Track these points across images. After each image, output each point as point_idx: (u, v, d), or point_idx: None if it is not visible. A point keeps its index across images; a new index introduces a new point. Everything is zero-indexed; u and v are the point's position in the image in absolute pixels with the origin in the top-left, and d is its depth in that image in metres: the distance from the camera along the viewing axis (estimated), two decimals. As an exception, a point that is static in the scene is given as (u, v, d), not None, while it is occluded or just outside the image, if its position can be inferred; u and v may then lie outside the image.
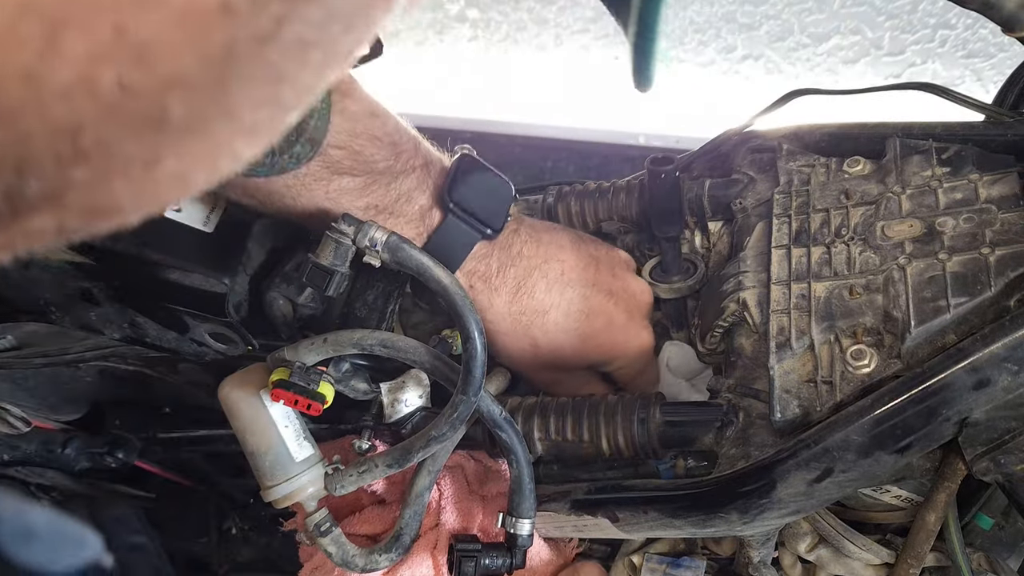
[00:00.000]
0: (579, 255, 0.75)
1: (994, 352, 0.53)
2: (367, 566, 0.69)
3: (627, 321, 0.75)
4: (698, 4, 1.63)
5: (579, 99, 1.80)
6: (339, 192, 0.65)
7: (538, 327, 0.73)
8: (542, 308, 0.73)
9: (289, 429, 0.68)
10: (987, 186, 0.63)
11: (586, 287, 0.74)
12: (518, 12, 1.74)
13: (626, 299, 0.76)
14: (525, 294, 0.73)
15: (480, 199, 0.68)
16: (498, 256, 0.72)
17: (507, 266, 0.73)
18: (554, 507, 0.68)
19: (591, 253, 0.76)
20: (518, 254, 0.73)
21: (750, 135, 0.79)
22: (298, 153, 0.61)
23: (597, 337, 0.74)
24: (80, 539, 0.59)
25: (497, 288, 0.72)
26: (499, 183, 0.70)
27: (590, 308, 0.74)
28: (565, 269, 0.74)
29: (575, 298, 0.74)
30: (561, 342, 0.74)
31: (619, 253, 0.79)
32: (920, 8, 1.54)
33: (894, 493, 0.67)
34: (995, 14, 0.63)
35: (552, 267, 0.73)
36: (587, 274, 0.74)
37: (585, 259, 0.75)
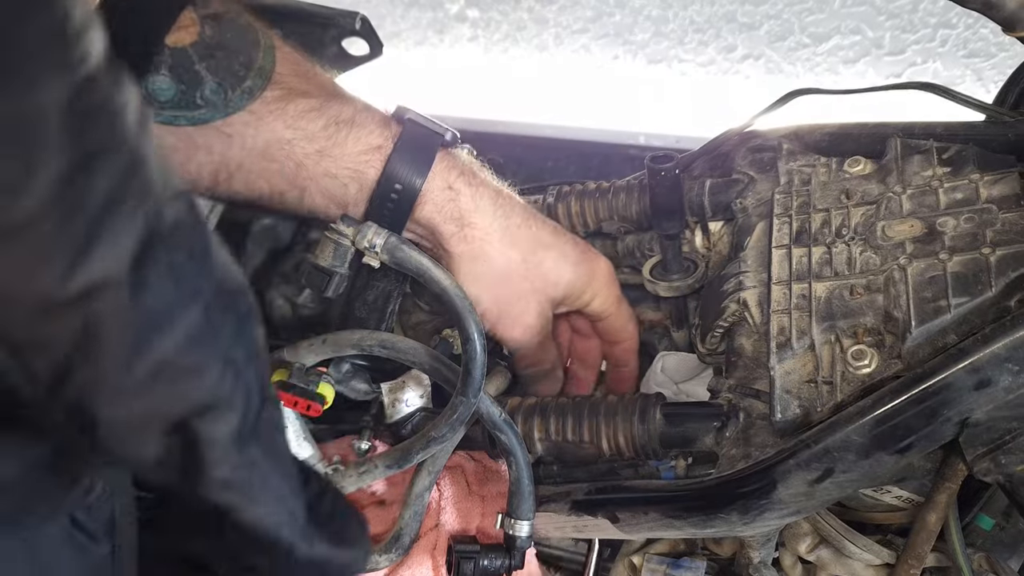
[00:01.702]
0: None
1: (995, 352, 0.53)
2: (367, 566, 0.69)
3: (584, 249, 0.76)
4: (698, 4, 1.63)
5: (579, 99, 1.80)
6: (298, 116, 0.65)
7: (525, 237, 0.72)
8: (525, 214, 0.73)
9: (289, 430, 0.68)
10: (988, 186, 0.63)
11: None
12: (518, 12, 1.74)
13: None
14: (505, 199, 0.72)
15: (423, 120, 0.70)
16: (465, 162, 0.72)
17: (479, 171, 0.72)
18: (554, 508, 0.68)
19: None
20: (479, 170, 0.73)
21: (750, 135, 0.79)
22: (250, 87, 0.63)
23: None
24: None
25: (478, 188, 0.71)
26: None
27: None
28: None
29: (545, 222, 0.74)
30: (544, 256, 0.73)
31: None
32: (921, 8, 1.54)
33: (895, 494, 0.67)
34: (996, 14, 0.62)
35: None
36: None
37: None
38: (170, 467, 0.35)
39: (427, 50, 1.86)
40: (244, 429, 0.36)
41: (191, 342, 0.33)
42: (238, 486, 0.36)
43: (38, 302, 0.30)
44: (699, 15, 1.64)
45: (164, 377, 0.33)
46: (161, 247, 0.32)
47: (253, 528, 0.37)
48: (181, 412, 0.34)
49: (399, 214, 0.68)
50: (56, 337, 0.31)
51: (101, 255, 0.30)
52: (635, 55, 1.74)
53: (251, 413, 0.36)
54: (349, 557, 0.41)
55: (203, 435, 0.35)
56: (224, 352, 0.35)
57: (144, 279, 0.32)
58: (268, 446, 0.37)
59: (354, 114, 0.67)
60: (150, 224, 0.32)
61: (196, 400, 0.34)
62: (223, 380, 0.35)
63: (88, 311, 0.31)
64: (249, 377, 0.36)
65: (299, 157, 0.66)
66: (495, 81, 1.84)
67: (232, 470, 0.36)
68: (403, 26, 1.83)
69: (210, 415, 0.35)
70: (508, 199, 0.73)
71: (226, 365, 0.35)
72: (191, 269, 0.34)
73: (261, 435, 0.37)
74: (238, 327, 0.36)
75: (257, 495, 0.37)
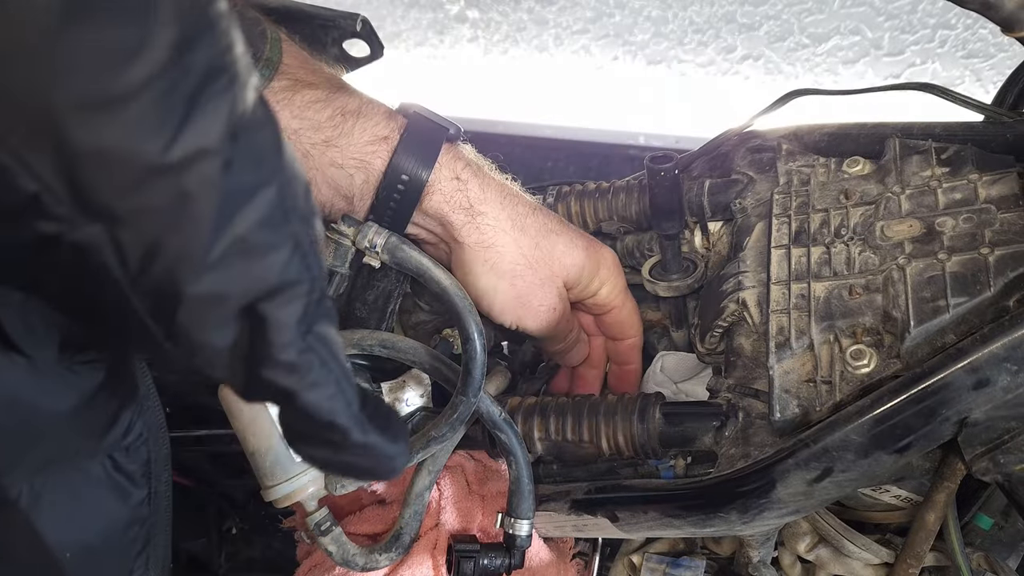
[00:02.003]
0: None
1: (993, 352, 0.53)
2: (367, 565, 0.69)
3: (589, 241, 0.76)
4: (698, 4, 1.63)
5: (579, 99, 1.80)
6: (304, 106, 0.65)
7: (533, 224, 0.72)
8: (531, 204, 0.73)
9: (289, 429, 0.68)
10: (987, 186, 0.63)
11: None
12: (518, 12, 1.74)
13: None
14: (510, 190, 0.72)
15: (429, 114, 0.70)
16: (471, 156, 0.72)
17: (484, 164, 0.72)
18: (554, 507, 0.68)
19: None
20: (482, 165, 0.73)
21: (750, 135, 0.79)
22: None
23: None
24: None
25: (485, 179, 0.71)
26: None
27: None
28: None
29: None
30: (556, 241, 0.73)
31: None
32: (920, 8, 1.54)
33: (893, 493, 0.67)
34: (994, 14, 0.63)
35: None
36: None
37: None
38: (238, 355, 0.38)
39: (427, 51, 1.86)
40: (307, 315, 0.38)
41: (266, 222, 0.36)
42: (302, 370, 0.38)
43: (144, 167, 0.33)
44: (699, 16, 1.64)
45: (242, 253, 0.36)
46: (246, 128, 0.35)
47: (312, 410, 0.39)
48: (255, 292, 0.37)
49: (406, 205, 0.68)
50: (153, 206, 0.34)
51: (200, 125, 0.33)
52: (635, 56, 1.74)
53: (313, 301, 0.38)
54: (395, 450, 0.43)
55: (272, 318, 0.37)
56: (294, 235, 0.38)
57: (232, 157, 0.35)
58: (328, 335, 0.40)
59: (360, 105, 0.67)
60: (239, 103, 0.35)
61: (268, 280, 0.37)
62: (291, 262, 0.37)
63: (184, 180, 0.33)
64: (313, 265, 0.39)
65: (305, 147, 0.66)
66: (495, 81, 1.84)
67: (298, 354, 0.38)
68: (403, 27, 1.83)
69: (280, 297, 0.37)
70: (513, 190, 0.73)
71: (295, 248, 0.38)
72: (269, 152, 0.37)
73: (322, 322, 0.39)
74: (305, 216, 0.39)
75: (318, 380, 0.39)
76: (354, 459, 0.42)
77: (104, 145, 0.32)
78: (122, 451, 0.54)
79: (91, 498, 0.54)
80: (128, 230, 0.34)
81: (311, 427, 0.40)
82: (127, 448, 0.55)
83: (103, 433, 0.53)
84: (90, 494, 0.54)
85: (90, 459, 0.53)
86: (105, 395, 0.52)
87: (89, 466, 0.53)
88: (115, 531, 0.56)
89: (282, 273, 0.37)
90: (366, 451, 0.42)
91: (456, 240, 0.70)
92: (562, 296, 0.74)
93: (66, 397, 0.50)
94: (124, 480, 0.55)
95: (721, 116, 1.19)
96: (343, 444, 0.41)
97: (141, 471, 0.56)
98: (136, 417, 0.55)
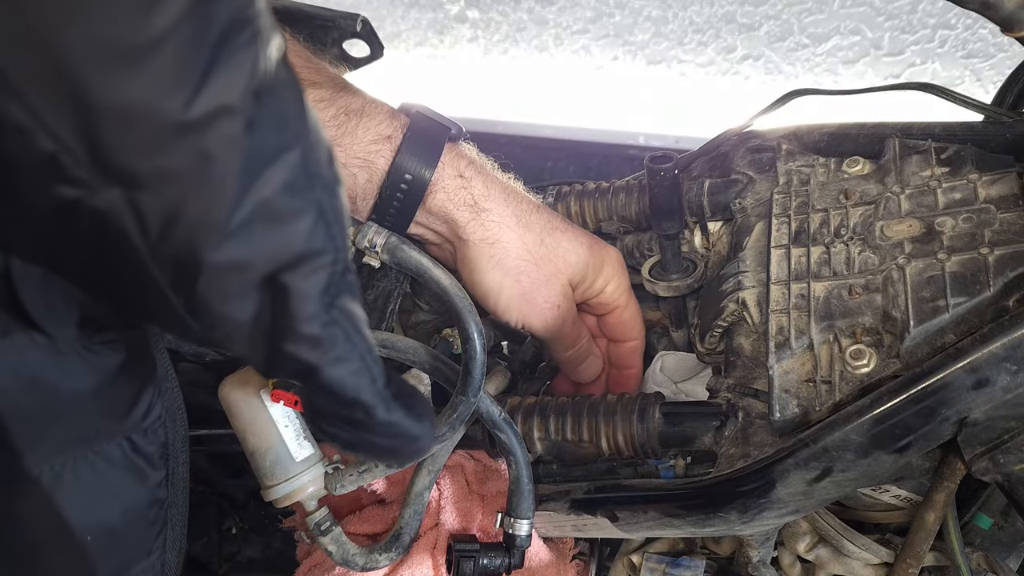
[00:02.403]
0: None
1: (993, 352, 0.53)
2: (367, 565, 0.69)
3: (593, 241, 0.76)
4: (698, 4, 1.63)
5: (579, 99, 1.80)
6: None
7: (538, 221, 0.72)
8: (533, 202, 0.73)
9: (289, 429, 0.68)
10: (986, 186, 0.63)
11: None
12: (518, 12, 1.74)
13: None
14: (512, 188, 0.72)
15: (431, 113, 0.70)
16: (473, 155, 0.72)
17: (486, 163, 0.72)
18: (554, 507, 0.68)
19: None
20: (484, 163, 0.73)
21: (750, 135, 0.79)
22: None
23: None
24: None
25: (488, 176, 0.71)
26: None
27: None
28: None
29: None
30: (560, 238, 0.73)
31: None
32: (920, 8, 1.54)
33: (893, 493, 0.67)
34: (994, 14, 0.63)
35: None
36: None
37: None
38: (260, 327, 0.36)
39: (427, 51, 1.86)
40: (331, 287, 0.37)
41: (290, 187, 0.35)
42: (326, 344, 0.37)
43: (164, 123, 0.32)
44: (699, 16, 1.64)
45: (265, 219, 0.35)
46: (269, 88, 0.34)
47: (336, 387, 0.39)
48: (278, 261, 0.36)
49: (409, 204, 0.68)
50: (174, 168, 0.33)
51: (222, 80, 0.32)
52: (635, 56, 1.74)
53: (338, 272, 0.37)
54: (420, 429, 0.42)
55: (296, 288, 0.36)
56: (318, 202, 0.36)
57: (255, 116, 0.33)
58: (352, 309, 0.39)
59: (363, 105, 0.67)
60: (262, 61, 0.34)
61: (292, 248, 0.36)
62: (315, 231, 0.36)
63: (206, 139, 0.32)
64: (337, 234, 0.37)
65: None
66: (495, 81, 1.84)
67: (322, 327, 0.37)
68: (403, 27, 1.83)
69: (303, 267, 0.36)
70: (516, 188, 0.73)
71: (319, 216, 0.36)
72: (294, 114, 0.36)
73: (346, 295, 0.38)
74: (329, 183, 0.37)
75: (342, 354, 0.38)
76: (378, 439, 0.41)
77: (125, 100, 0.31)
78: (140, 433, 0.54)
79: (110, 480, 0.53)
80: (148, 194, 0.33)
81: (334, 404, 0.39)
82: (145, 430, 0.54)
83: (125, 414, 0.53)
84: (110, 475, 0.53)
85: (109, 440, 0.53)
86: (126, 376, 0.52)
87: (108, 448, 0.53)
88: (134, 512, 0.56)
89: (307, 241, 0.36)
90: (390, 430, 0.41)
91: (460, 238, 0.70)
92: (567, 295, 0.74)
93: (87, 377, 0.49)
94: (142, 462, 0.55)
95: (721, 116, 1.19)
96: (367, 423, 0.40)
97: (159, 453, 0.56)
98: (156, 398, 0.55)
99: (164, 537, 0.58)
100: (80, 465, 0.51)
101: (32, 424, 0.49)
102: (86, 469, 0.52)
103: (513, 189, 0.72)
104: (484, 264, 0.70)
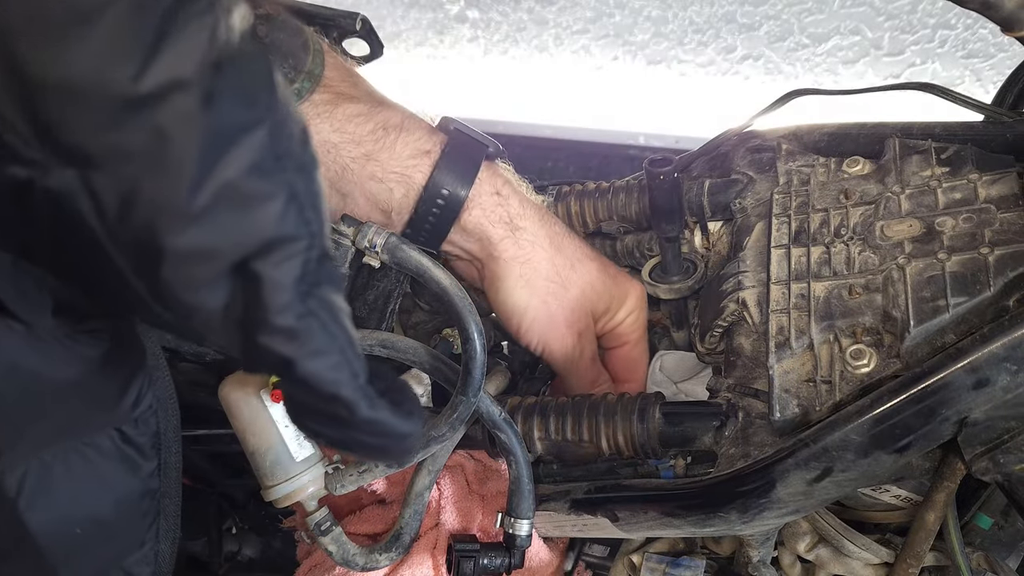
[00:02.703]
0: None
1: (993, 352, 0.53)
2: (367, 565, 0.69)
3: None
4: (698, 4, 1.63)
5: (579, 99, 1.80)
6: (345, 120, 0.65)
7: (570, 245, 0.72)
8: (565, 226, 0.73)
9: (289, 429, 0.68)
10: (986, 186, 0.63)
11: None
12: (518, 12, 1.74)
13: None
14: (545, 210, 0.72)
15: (469, 130, 0.70)
16: (508, 175, 0.72)
17: (520, 184, 0.72)
18: (554, 506, 0.68)
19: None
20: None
21: (750, 135, 0.79)
22: (298, 89, 0.63)
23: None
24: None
25: (523, 197, 0.71)
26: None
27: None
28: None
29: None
30: (591, 266, 0.73)
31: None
32: (920, 8, 1.54)
33: (893, 493, 0.67)
34: (994, 14, 0.63)
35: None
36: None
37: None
38: (232, 318, 0.35)
39: (427, 51, 1.86)
40: (307, 275, 0.35)
41: (256, 168, 0.33)
42: (301, 336, 0.36)
43: (113, 98, 0.30)
44: (699, 16, 1.64)
45: (229, 202, 0.33)
46: (231, 62, 0.32)
47: (314, 381, 0.37)
48: (246, 247, 0.34)
49: (445, 220, 0.68)
50: (128, 146, 0.31)
51: (174, 52, 0.30)
52: (635, 56, 1.74)
53: (313, 259, 0.36)
54: (408, 427, 0.41)
55: (267, 277, 0.34)
56: (288, 185, 0.34)
57: (214, 90, 0.31)
58: (331, 301, 0.37)
59: (402, 120, 0.67)
60: (220, 32, 0.31)
61: (260, 233, 0.34)
62: (286, 215, 0.34)
63: (159, 115, 0.30)
64: (311, 219, 0.36)
65: (345, 161, 0.66)
66: (495, 81, 1.84)
67: (296, 318, 0.35)
68: (403, 27, 1.83)
69: (274, 255, 0.34)
70: (549, 211, 0.74)
71: (290, 199, 0.34)
72: (260, 91, 0.33)
73: (323, 286, 0.36)
74: (302, 164, 0.35)
75: (319, 347, 0.36)
76: (364, 436, 0.40)
77: (68, 74, 0.29)
78: (131, 423, 0.53)
79: (102, 471, 0.52)
80: (102, 174, 0.31)
81: (315, 400, 0.38)
82: (136, 420, 0.53)
83: (113, 404, 0.51)
84: (101, 466, 0.52)
85: (99, 431, 0.52)
86: (113, 365, 0.50)
87: (99, 439, 0.51)
88: (127, 504, 0.54)
89: (277, 227, 0.34)
90: (375, 428, 0.39)
91: (492, 255, 0.70)
92: (589, 325, 0.74)
93: (69, 366, 0.48)
94: (134, 452, 0.53)
95: (721, 116, 1.19)
96: (349, 420, 0.38)
97: (151, 443, 0.55)
98: (146, 388, 0.53)
99: (157, 527, 0.57)
100: (71, 457, 0.50)
101: (13, 414, 0.47)
102: (77, 460, 0.51)
103: (547, 211, 0.73)
104: (513, 282, 0.70)
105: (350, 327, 0.38)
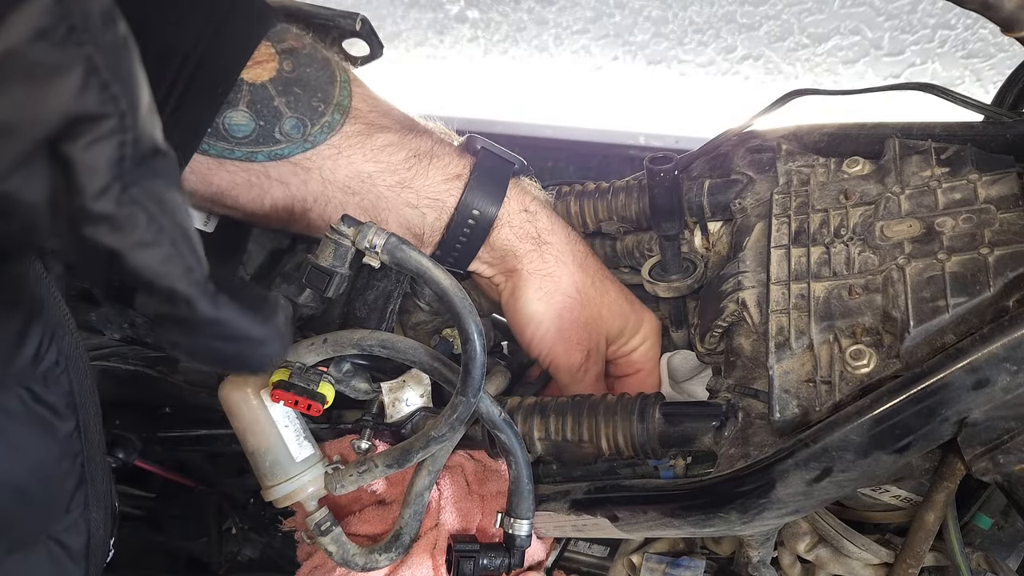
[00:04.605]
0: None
1: (993, 352, 0.53)
2: (367, 565, 0.69)
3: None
4: (698, 4, 1.63)
5: (579, 99, 1.80)
6: (378, 150, 0.66)
7: (592, 265, 0.73)
8: (588, 246, 0.74)
9: (289, 429, 0.68)
10: (986, 186, 0.63)
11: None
12: (518, 12, 1.74)
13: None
14: (573, 231, 0.73)
15: (495, 148, 0.72)
16: (534, 191, 0.73)
17: (545, 200, 0.74)
18: (554, 507, 0.68)
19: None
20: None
21: (749, 135, 0.79)
22: (329, 122, 0.64)
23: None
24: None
25: (551, 212, 0.72)
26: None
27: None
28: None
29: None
30: (610, 288, 0.74)
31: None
32: (920, 8, 1.54)
33: (893, 493, 0.67)
34: (994, 14, 0.63)
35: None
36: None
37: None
38: (60, 211, 0.33)
39: (427, 51, 1.86)
40: (125, 160, 0.34)
41: (43, 35, 0.31)
42: (124, 225, 0.34)
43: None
44: (699, 16, 1.64)
45: (15, 73, 0.31)
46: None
47: (145, 275, 0.35)
48: (47, 124, 0.32)
49: (475, 239, 0.70)
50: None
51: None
52: (635, 56, 1.74)
53: (129, 143, 0.34)
54: (263, 332, 0.39)
55: (78, 160, 0.33)
56: (88, 58, 0.32)
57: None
58: (160, 193, 0.35)
59: (432, 146, 0.69)
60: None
61: (58, 108, 0.32)
62: (87, 90, 0.33)
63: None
64: (119, 97, 0.34)
65: (380, 189, 0.67)
66: (495, 81, 1.84)
67: (116, 206, 0.34)
68: (403, 27, 1.83)
69: (82, 135, 0.33)
70: (574, 230, 0.75)
71: (89, 73, 0.32)
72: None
73: (155, 179, 0.35)
74: (108, 45, 0.33)
75: (146, 238, 0.35)
76: (216, 343, 0.38)
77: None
78: (39, 381, 0.50)
79: (11, 434, 0.49)
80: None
81: (154, 299, 0.36)
82: (44, 377, 0.50)
83: (9, 358, 0.48)
84: (10, 429, 0.49)
85: (5, 391, 0.48)
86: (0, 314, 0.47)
87: (5, 399, 0.48)
88: (44, 468, 0.51)
89: (76, 102, 0.32)
90: (223, 329, 0.38)
91: (516, 269, 0.71)
92: (599, 346, 0.74)
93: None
94: (46, 412, 0.50)
95: (721, 116, 1.19)
96: (193, 319, 0.37)
97: (65, 402, 0.52)
98: (48, 342, 0.50)
99: (84, 493, 0.54)
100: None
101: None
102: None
103: (572, 230, 0.74)
104: (532, 293, 0.71)
105: (187, 224, 0.36)
